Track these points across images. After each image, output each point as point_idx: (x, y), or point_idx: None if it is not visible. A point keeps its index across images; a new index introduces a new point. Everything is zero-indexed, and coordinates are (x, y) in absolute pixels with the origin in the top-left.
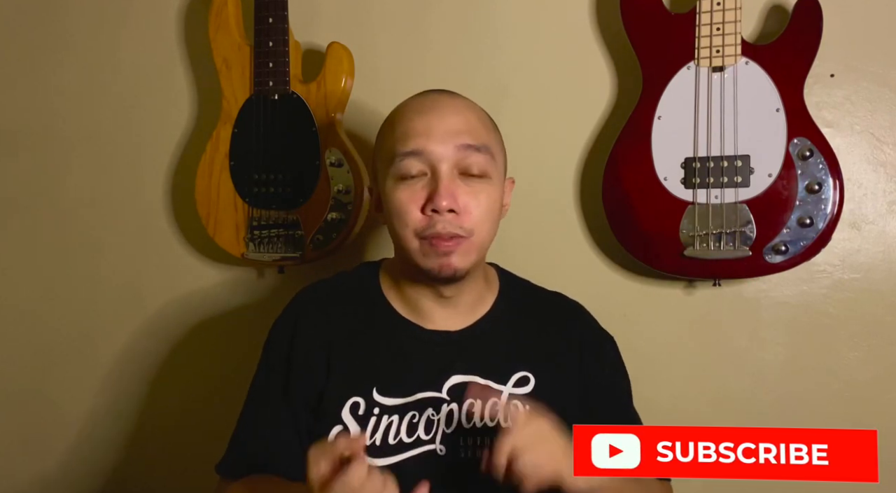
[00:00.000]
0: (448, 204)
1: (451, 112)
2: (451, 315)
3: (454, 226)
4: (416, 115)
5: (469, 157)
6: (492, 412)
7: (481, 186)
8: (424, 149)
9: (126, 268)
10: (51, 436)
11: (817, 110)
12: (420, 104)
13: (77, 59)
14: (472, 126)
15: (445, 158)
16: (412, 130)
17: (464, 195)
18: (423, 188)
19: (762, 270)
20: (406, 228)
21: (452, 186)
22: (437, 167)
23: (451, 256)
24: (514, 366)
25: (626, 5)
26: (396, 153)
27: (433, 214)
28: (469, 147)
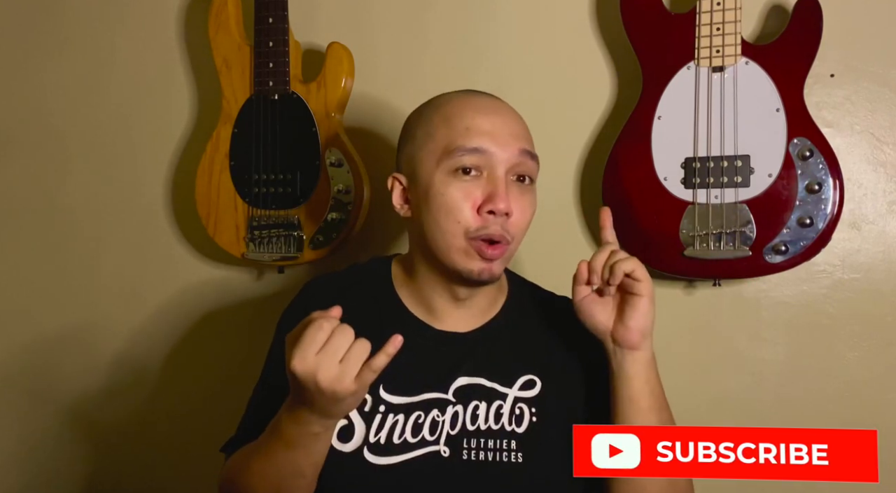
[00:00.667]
0: (506, 207)
1: (511, 117)
2: (463, 316)
3: (504, 229)
4: (478, 113)
5: (525, 163)
6: (497, 416)
7: (528, 193)
8: (488, 149)
9: (126, 268)
10: (50, 436)
11: (817, 110)
12: (479, 103)
13: (77, 59)
14: (527, 132)
15: (505, 160)
16: (475, 127)
17: (515, 201)
18: (477, 187)
19: (762, 270)
20: (457, 225)
21: (509, 191)
22: (496, 169)
23: (493, 262)
24: (520, 369)
25: (626, 5)
26: (457, 147)
27: (488, 216)
28: (527, 153)
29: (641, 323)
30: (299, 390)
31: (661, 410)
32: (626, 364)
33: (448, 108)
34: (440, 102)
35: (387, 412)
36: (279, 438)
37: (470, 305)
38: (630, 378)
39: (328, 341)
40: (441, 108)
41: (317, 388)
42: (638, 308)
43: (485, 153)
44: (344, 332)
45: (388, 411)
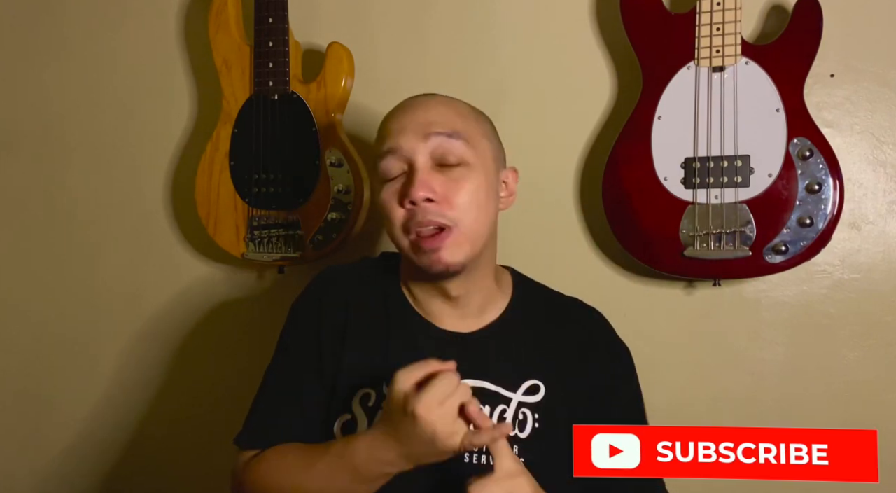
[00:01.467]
0: (424, 193)
1: (422, 108)
2: (460, 317)
3: (435, 214)
4: (392, 118)
5: (441, 144)
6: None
7: (461, 174)
8: (397, 145)
9: (126, 268)
10: (51, 437)
11: (817, 110)
12: (398, 108)
13: (77, 59)
14: (444, 117)
15: (417, 150)
16: (387, 130)
17: (442, 185)
18: (403, 185)
19: (762, 270)
20: (393, 227)
21: (428, 177)
22: (413, 161)
23: (439, 251)
24: (525, 373)
25: (626, 5)
26: (377, 155)
27: (412, 207)
28: (439, 135)
29: None
30: (410, 434)
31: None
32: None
33: (382, 121)
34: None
35: None
36: (348, 466)
37: (465, 303)
38: None
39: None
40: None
41: (432, 437)
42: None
43: (396, 151)
44: (466, 392)
45: None
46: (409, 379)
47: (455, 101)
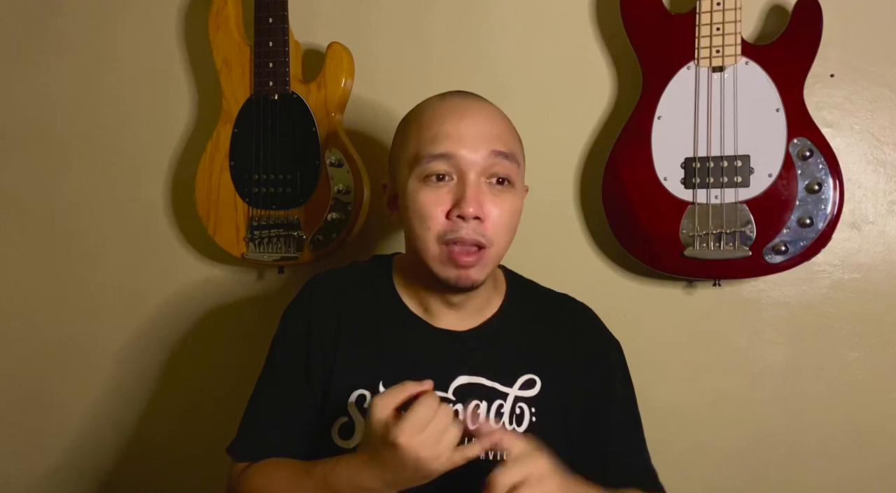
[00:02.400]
0: (475, 211)
1: (482, 118)
2: (458, 317)
3: (477, 233)
4: (446, 117)
5: (498, 164)
6: (497, 415)
7: (505, 195)
8: (455, 153)
9: (126, 268)
10: (51, 436)
11: (817, 110)
12: (450, 107)
13: (77, 59)
14: (502, 133)
15: (475, 163)
16: (442, 133)
17: (488, 203)
18: (448, 192)
19: (762, 270)
20: (428, 232)
21: (480, 194)
22: (466, 173)
23: (470, 269)
24: (520, 368)
25: (625, 5)
26: (424, 154)
27: (458, 220)
28: (499, 154)
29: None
30: (393, 462)
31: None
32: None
33: (422, 114)
34: (418, 108)
35: None
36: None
37: (464, 307)
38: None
39: (433, 421)
40: (417, 114)
41: (416, 465)
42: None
43: (452, 158)
44: (448, 413)
45: None
46: (388, 406)
47: (503, 113)
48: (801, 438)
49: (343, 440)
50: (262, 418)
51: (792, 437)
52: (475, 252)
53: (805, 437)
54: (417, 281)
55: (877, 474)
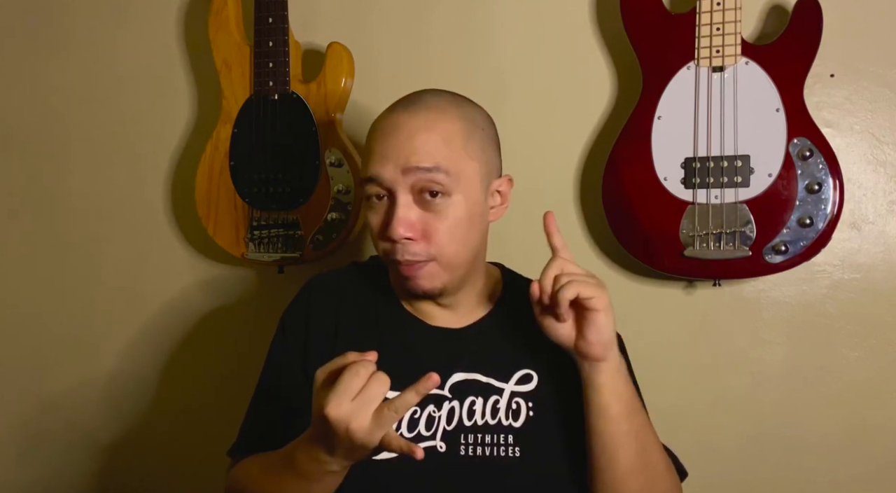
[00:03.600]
0: (402, 232)
1: (405, 133)
2: (452, 316)
3: (411, 253)
4: (376, 136)
5: (420, 179)
6: (493, 411)
7: (442, 206)
8: (379, 175)
9: (126, 268)
10: (51, 436)
11: (817, 110)
12: (382, 124)
13: (77, 59)
14: (426, 146)
15: (397, 182)
16: (372, 154)
17: (421, 219)
18: (384, 213)
19: (762, 270)
20: (378, 250)
21: (407, 214)
22: (395, 192)
23: (416, 279)
24: (516, 364)
25: (626, 5)
26: (363, 178)
27: (393, 242)
28: (417, 170)
29: (601, 337)
30: (327, 434)
31: (631, 415)
32: (594, 375)
33: (369, 131)
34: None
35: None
36: (293, 468)
37: (454, 307)
38: (598, 387)
39: (364, 389)
40: (370, 129)
41: (347, 435)
42: (595, 322)
43: (378, 179)
44: (380, 380)
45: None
46: (321, 374)
47: (444, 116)
48: (800, 438)
49: None
50: (262, 420)
51: (792, 437)
52: (418, 265)
53: (805, 437)
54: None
55: (876, 473)
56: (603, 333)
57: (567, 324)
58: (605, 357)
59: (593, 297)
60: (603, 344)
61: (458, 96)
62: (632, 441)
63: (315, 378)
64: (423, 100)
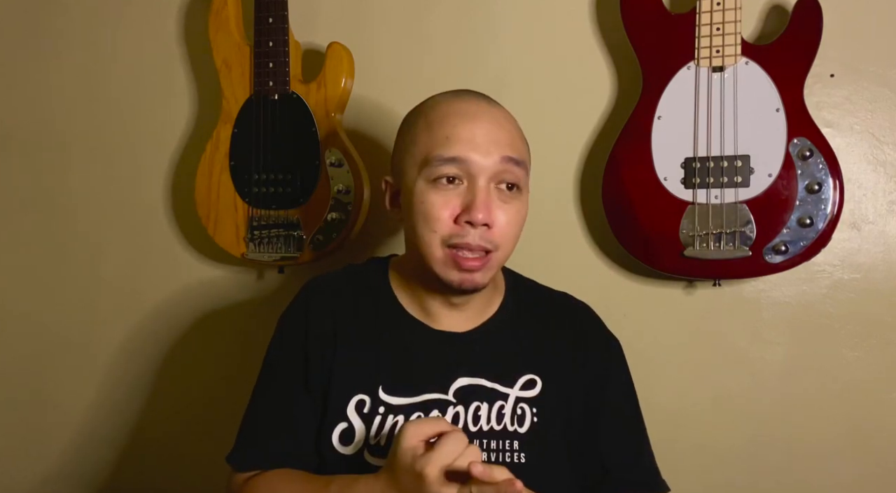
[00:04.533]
0: (484, 217)
1: (496, 122)
2: (458, 319)
3: (484, 239)
4: (459, 120)
5: (508, 170)
6: (499, 416)
7: (514, 201)
8: (467, 157)
9: (126, 268)
10: (50, 436)
11: (817, 110)
12: (462, 108)
13: (77, 59)
14: (514, 138)
15: (486, 169)
16: (455, 136)
17: (497, 209)
18: (457, 196)
19: (762, 270)
20: (433, 234)
21: (489, 200)
22: (477, 178)
23: (475, 273)
24: (521, 369)
25: (626, 5)
26: (436, 156)
27: (466, 225)
28: (510, 160)
29: None
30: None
31: None
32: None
33: (432, 113)
34: (427, 106)
35: (386, 414)
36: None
37: (465, 308)
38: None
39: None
40: (426, 113)
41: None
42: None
43: (464, 162)
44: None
45: (387, 412)
46: (418, 435)
47: (513, 117)
48: (801, 438)
49: (343, 446)
50: (260, 426)
51: (792, 437)
52: (481, 257)
53: (805, 437)
54: (417, 282)
55: (876, 473)
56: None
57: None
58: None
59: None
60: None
61: None
62: None
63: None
64: (483, 95)
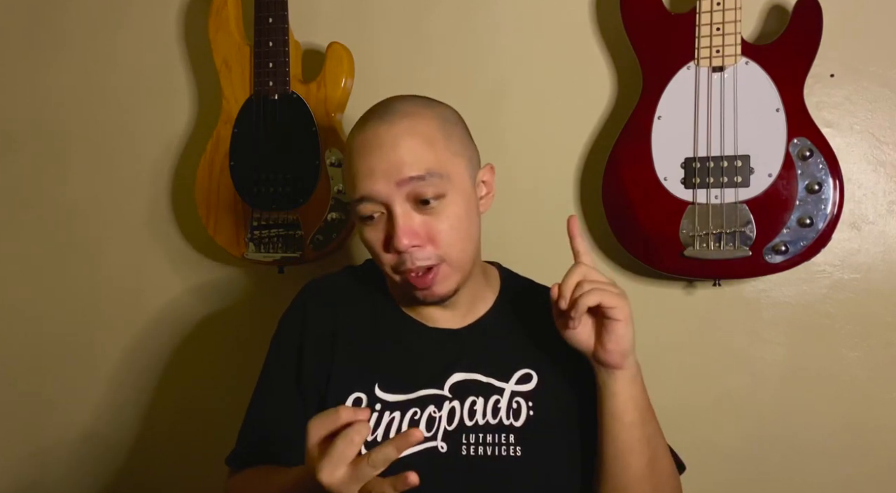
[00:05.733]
0: (409, 242)
1: (389, 145)
2: (451, 316)
3: (422, 258)
4: (357, 155)
5: (416, 188)
6: (494, 410)
7: (439, 208)
8: (370, 192)
9: (126, 268)
10: (51, 436)
11: (817, 110)
12: (360, 140)
13: (77, 59)
14: (414, 154)
15: (392, 196)
16: (357, 174)
17: (423, 225)
18: (381, 230)
19: (762, 270)
20: (383, 266)
21: (409, 223)
22: (391, 206)
23: (431, 287)
24: (516, 363)
25: (626, 5)
26: (351, 200)
27: (400, 253)
28: (413, 179)
29: (620, 346)
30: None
31: (644, 423)
32: (610, 382)
33: (347, 147)
34: (348, 136)
35: (382, 410)
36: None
37: (454, 306)
38: (614, 395)
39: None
40: (346, 146)
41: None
42: (614, 331)
43: (371, 198)
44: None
45: (383, 409)
46: (317, 432)
47: (420, 120)
48: (801, 437)
49: None
50: (260, 428)
51: (792, 437)
52: (431, 273)
53: (805, 437)
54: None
55: (876, 473)
56: (622, 342)
57: (586, 330)
58: (622, 366)
59: (615, 307)
60: (621, 353)
61: (425, 98)
62: (644, 448)
63: (307, 428)
64: (394, 107)
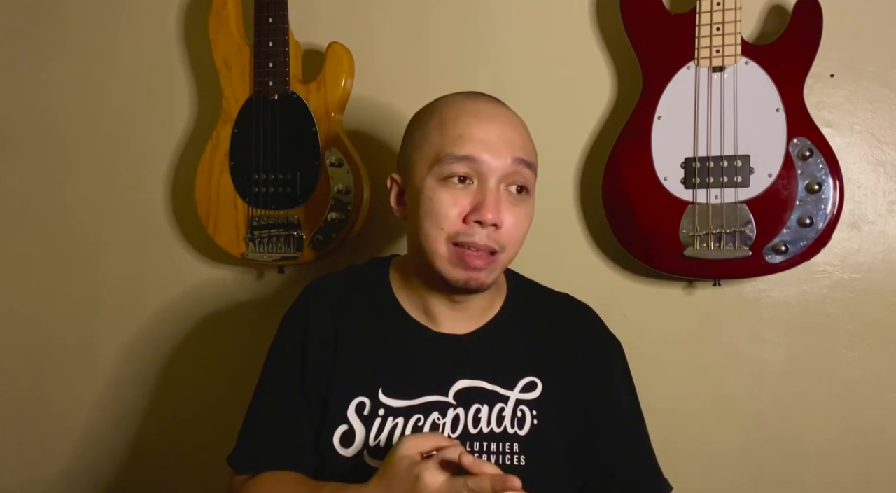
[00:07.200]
0: (493, 218)
1: (508, 124)
2: (460, 319)
3: (492, 240)
4: (472, 119)
5: (519, 172)
6: (499, 419)
7: (522, 203)
8: (479, 157)
9: (126, 268)
10: (51, 437)
11: (817, 110)
12: (477, 109)
13: (77, 59)
14: (525, 141)
15: (497, 170)
16: (468, 135)
17: (506, 211)
18: (467, 195)
19: (762, 270)
20: (440, 231)
21: (498, 201)
22: (487, 178)
23: (480, 271)
24: (521, 371)
25: (626, 5)
26: (448, 155)
27: (475, 225)
28: (521, 162)
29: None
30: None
31: None
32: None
33: (445, 112)
34: (439, 104)
35: (386, 416)
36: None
37: (467, 308)
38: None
39: None
40: (438, 111)
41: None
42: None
43: (475, 162)
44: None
45: (387, 414)
46: (415, 448)
47: (523, 121)
48: (800, 438)
49: (344, 448)
50: (262, 428)
51: (792, 437)
52: (487, 256)
53: (805, 437)
54: (419, 283)
55: (877, 473)
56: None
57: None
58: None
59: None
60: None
61: None
62: None
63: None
64: (495, 98)
